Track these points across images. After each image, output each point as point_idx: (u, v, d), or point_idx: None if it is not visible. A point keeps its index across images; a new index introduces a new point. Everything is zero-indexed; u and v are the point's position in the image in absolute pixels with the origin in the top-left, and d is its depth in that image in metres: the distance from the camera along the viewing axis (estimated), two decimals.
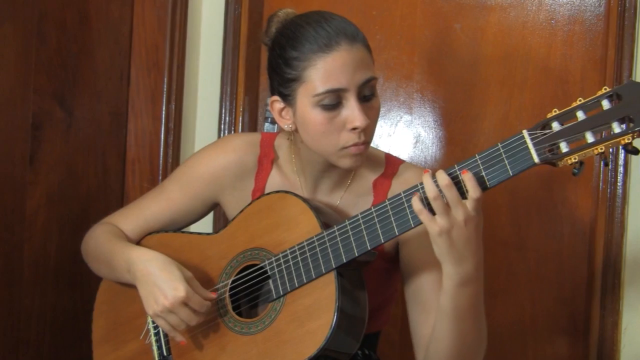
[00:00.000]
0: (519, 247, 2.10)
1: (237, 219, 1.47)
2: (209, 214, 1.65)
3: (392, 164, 1.50)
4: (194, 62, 2.29)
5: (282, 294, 1.37)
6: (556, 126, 1.18)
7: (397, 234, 1.29)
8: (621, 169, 1.98)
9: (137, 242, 1.57)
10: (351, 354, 1.37)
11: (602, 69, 2.02)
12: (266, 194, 1.46)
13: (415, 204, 1.24)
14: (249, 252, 1.44)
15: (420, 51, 2.16)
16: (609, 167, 1.97)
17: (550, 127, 1.19)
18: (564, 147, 1.17)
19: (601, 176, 2.00)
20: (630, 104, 1.14)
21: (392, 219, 1.28)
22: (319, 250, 1.34)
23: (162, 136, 2.20)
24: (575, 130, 1.17)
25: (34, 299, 1.91)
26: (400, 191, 1.29)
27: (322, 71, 1.32)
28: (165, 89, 2.19)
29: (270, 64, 1.42)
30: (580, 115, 1.17)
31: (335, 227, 1.33)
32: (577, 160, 1.17)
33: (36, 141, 1.89)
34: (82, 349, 1.75)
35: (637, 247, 1.98)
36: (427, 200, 1.23)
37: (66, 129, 1.99)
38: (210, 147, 1.58)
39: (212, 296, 1.42)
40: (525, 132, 1.20)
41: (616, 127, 1.14)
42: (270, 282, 1.39)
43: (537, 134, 1.19)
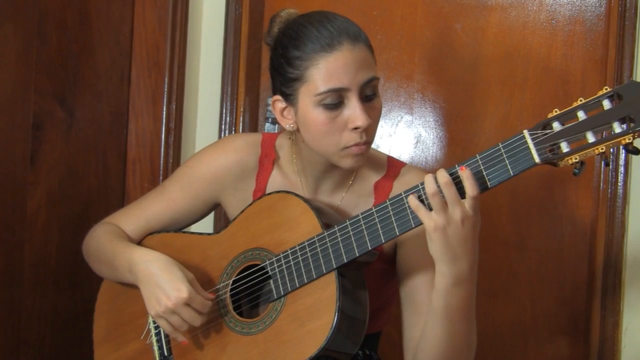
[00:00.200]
0: (520, 247, 2.10)
1: (238, 219, 1.47)
2: (210, 214, 1.65)
3: (393, 166, 1.50)
4: (195, 62, 2.29)
5: (282, 294, 1.37)
6: (557, 126, 1.18)
7: (398, 234, 1.29)
8: (622, 169, 1.98)
9: (138, 242, 1.57)
10: (352, 354, 1.37)
11: (603, 69, 2.02)
12: (267, 194, 1.46)
13: (411, 201, 1.24)
14: (250, 252, 1.44)
15: (421, 51, 2.16)
16: (609, 167, 1.97)
17: (551, 127, 1.19)
18: (565, 147, 1.17)
19: (602, 176, 2.00)
20: (630, 104, 1.14)
21: (393, 219, 1.28)
22: (319, 250, 1.34)
23: (163, 136, 2.20)
24: (576, 130, 1.17)
25: (35, 299, 1.91)
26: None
27: (324, 71, 1.33)
28: (166, 89, 2.19)
29: (272, 63, 1.42)
30: (581, 115, 1.17)
31: (336, 227, 1.33)
32: (577, 160, 1.17)
33: (37, 141, 1.89)
34: (82, 349, 1.74)
35: (638, 247, 1.98)
36: (427, 199, 1.24)
37: (67, 129, 1.98)
38: (211, 148, 1.58)
39: (211, 296, 1.42)
40: (526, 132, 1.20)
41: (617, 127, 1.14)
42: (271, 282, 1.39)
43: (537, 134, 1.19)
